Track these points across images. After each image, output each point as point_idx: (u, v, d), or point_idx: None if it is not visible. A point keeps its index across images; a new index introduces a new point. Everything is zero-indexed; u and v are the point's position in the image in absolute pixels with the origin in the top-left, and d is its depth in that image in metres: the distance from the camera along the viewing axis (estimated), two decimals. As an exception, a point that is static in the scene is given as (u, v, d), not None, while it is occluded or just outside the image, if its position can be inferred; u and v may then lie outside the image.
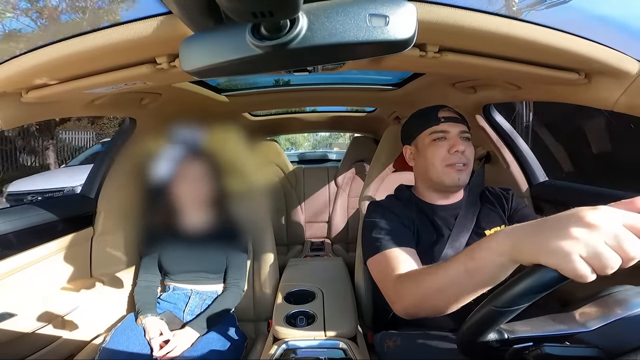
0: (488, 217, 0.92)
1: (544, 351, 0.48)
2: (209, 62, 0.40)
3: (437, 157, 0.89)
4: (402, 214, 0.91)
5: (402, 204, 0.95)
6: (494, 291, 0.48)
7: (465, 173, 0.89)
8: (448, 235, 0.89)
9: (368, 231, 0.89)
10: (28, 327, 0.97)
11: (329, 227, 2.52)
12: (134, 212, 1.21)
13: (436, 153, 0.90)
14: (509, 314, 0.46)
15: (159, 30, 0.55)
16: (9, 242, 1.00)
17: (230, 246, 1.24)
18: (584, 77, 0.73)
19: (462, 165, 0.88)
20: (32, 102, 0.81)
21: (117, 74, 0.71)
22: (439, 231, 0.90)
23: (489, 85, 1.08)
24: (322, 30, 0.36)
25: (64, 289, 1.12)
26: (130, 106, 1.19)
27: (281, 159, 2.50)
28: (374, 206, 0.97)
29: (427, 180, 0.94)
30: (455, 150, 0.87)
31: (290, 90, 1.60)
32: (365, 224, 0.92)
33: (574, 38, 0.60)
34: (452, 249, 0.86)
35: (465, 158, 0.89)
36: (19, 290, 1.01)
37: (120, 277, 1.29)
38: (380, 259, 0.81)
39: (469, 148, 0.90)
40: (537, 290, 0.43)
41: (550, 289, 0.42)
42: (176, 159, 1.15)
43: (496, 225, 0.91)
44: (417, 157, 0.96)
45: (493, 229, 0.90)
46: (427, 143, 0.92)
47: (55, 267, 1.13)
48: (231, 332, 1.15)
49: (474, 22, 0.55)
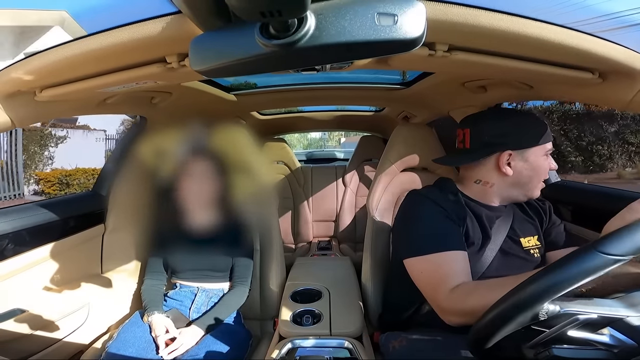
0: (522, 226, 0.92)
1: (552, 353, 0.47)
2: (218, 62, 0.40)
3: (543, 172, 0.90)
4: (452, 211, 0.87)
5: (452, 200, 0.90)
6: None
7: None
8: (490, 238, 0.87)
9: (411, 225, 0.87)
10: (37, 324, 0.99)
11: (336, 227, 2.53)
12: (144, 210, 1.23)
13: (544, 167, 0.90)
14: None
15: (168, 30, 0.55)
16: (22, 239, 1.02)
17: (237, 245, 1.25)
18: (597, 76, 0.71)
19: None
20: (45, 100, 0.82)
21: (128, 73, 0.72)
22: (486, 233, 0.88)
23: (499, 85, 1.07)
24: (330, 29, 0.36)
25: (75, 285, 1.14)
26: (141, 105, 1.21)
27: (289, 157, 2.50)
28: (418, 196, 0.92)
29: (518, 188, 0.90)
30: (552, 168, 0.91)
31: (298, 89, 1.60)
32: (407, 215, 0.90)
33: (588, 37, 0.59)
34: (491, 251, 0.86)
35: None
36: (31, 287, 1.03)
37: (129, 274, 1.31)
38: (428, 261, 0.79)
39: None
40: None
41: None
42: (185, 157, 1.17)
43: (530, 235, 0.91)
44: (519, 165, 0.88)
45: (527, 238, 0.90)
46: (540, 156, 0.88)
47: (67, 263, 1.15)
48: (236, 330, 1.16)
49: (484, 20, 0.54)
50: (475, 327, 0.53)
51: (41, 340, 1.00)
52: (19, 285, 1.00)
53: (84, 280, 1.18)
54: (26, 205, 1.11)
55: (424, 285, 0.81)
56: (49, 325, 1.02)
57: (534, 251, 0.89)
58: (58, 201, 1.19)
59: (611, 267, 0.43)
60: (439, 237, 0.81)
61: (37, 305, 1.00)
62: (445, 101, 1.37)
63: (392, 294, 1.08)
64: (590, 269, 0.43)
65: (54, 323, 1.03)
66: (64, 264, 1.14)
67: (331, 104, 2.12)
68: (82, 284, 1.16)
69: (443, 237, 0.81)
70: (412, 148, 1.23)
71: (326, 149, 7.21)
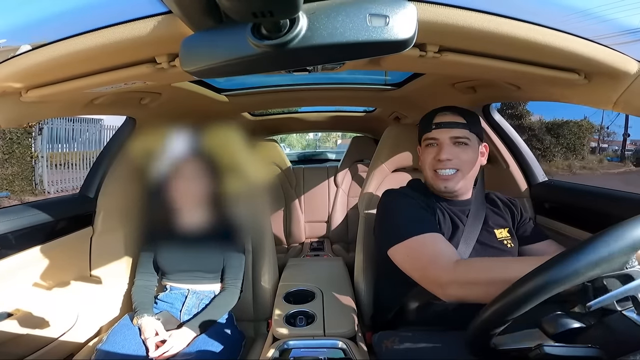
0: (494, 219, 0.95)
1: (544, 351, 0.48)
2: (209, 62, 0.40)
3: (426, 162, 0.94)
4: (423, 202, 0.92)
5: (421, 193, 0.96)
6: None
7: (454, 181, 0.91)
8: (462, 230, 0.90)
9: (388, 218, 0.90)
10: (26, 327, 0.97)
11: (328, 227, 2.53)
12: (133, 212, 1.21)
13: (426, 158, 0.94)
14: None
15: (158, 30, 0.54)
16: (7, 241, 1.00)
17: (227, 246, 1.24)
18: (583, 77, 0.73)
19: (450, 173, 0.90)
20: (31, 101, 0.81)
21: (116, 74, 0.71)
22: (455, 224, 0.91)
23: (488, 86, 1.08)
24: (322, 30, 0.36)
25: (63, 288, 1.12)
26: (130, 105, 1.19)
27: (280, 158, 2.49)
28: (392, 193, 0.98)
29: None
30: (438, 159, 0.90)
31: (290, 90, 1.60)
32: (384, 211, 0.93)
33: (574, 38, 0.60)
34: (466, 243, 0.88)
35: (454, 164, 0.90)
36: (18, 290, 1.01)
37: (119, 276, 1.28)
38: (409, 245, 0.81)
39: (463, 153, 0.90)
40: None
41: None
42: (175, 158, 1.15)
43: (502, 228, 0.94)
44: (421, 157, 0.99)
45: (499, 230, 0.93)
46: (423, 148, 0.96)
47: (54, 266, 1.12)
48: (229, 332, 1.15)
49: (474, 22, 0.55)
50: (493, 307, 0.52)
51: (29, 344, 0.98)
52: (6, 288, 0.98)
53: (72, 283, 1.16)
54: (11, 207, 1.08)
55: (411, 268, 0.82)
56: (37, 329, 1.00)
57: (507, 242, 0.92)
58: (45, 203, 1.17)
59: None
60: (415, 223, 0.84)
61: (24, 308, 0.98)
62: (436, 102, 1.38)
63: (383, 293, 1.08)
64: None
65: (43, 326, 1.01)
66: (52, 267, 1.11)
67: (323, 105, 2.12)
68: (70, 287, 1.14)
69: (420, 221, 0.84)
70: (403, 148, 1.24)
71: (323, 149, 7.23)
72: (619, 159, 12.15)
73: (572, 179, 6.31)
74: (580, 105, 0.83)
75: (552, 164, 10.76)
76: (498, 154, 1.31)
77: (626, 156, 12.17)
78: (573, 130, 11.29)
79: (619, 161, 11.96)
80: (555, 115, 11.74)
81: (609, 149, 13.29)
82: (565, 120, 11.46)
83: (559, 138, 11.27)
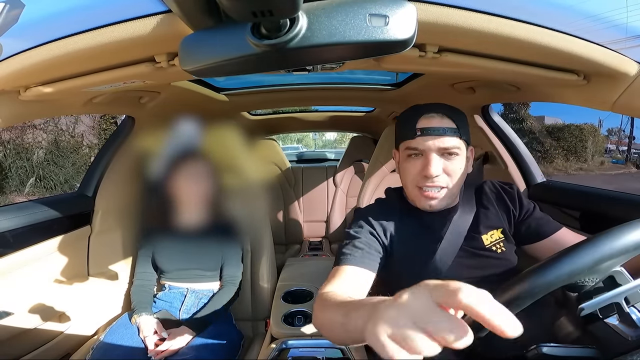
0: (484, 220, 0.82)
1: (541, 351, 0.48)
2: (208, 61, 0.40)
3: (408, 175, 0.79)
4: (381, 225, 0.81)
5: (387, 211, 0.85)
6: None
7: (441, 200, 0.77)
8: (440, 242, 0.78)
9: (343, 241, 0.81)
10: (25, 325, 0.97)
11: (327, 227, 2.53)
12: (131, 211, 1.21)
13: (407, 171, 0.79)
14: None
15: (158, 29, 0.54)
16: (5, 240, 0.99)
17: (226, 244, 1.24)
18: (582, 78, 0.73)
19: (436, 192, 0.76)
20: (30, 100, 0.80)
21: (116, 73, 0.70)
22: (431, 237, 0.80)
23: (487, 86, 1.08)
24: (321, 29, 0.36)
25: (61, 287, 1.12)
26: (129, 105, 1.19)
27: (279, 158, 2.50)
28: (356, 214, 0.87)
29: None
30: (424, 175, 0.75)
31: (289, 89, 1.60)
32: (345, 233, 0.84)
33: (573, 39, 0.60)
34: (444, 257, 0.78)
35: (443, 181, 0.76)
36: (15, 289, 1.01)
37: (117, 275, 1.28)
38: (334, 272, 0.75)
39: (453, 165, 0.76)
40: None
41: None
42: (174, 157, 1.15)
43: (493, 229, 0.81)
44: (399, 165, 0.84)
45: (490, 232, 0.81)
46: (402, 157, 0.81)
47: (52, 265, 1.12)
48: (227, 331, 1.15)
49: (474, 22, 0.55)
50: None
51: (28, 343, 0.98)
52: (3, 287, 0.97)
53: (70, 282, 1.15)
54: (8, 206, 1.08)
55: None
56: (35, 328, 1.00)
57: (497, 247, 0.80)
58: (43, 202, 1.17)
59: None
60: (351, 255, 0.75)
61: (22, 307, 0.98)
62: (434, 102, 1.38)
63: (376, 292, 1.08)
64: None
65: (40, 325, 1.01)
66: (50, 266, 1.11)
67: (322, 105, 2.12)
68: (68, 286, 1.14)
69: (356, 255, 0.75)
70: None
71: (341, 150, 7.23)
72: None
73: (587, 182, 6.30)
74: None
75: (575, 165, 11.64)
76: (497, 155, 1.31)
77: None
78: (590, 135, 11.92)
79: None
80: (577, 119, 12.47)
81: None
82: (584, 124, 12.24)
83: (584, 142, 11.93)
